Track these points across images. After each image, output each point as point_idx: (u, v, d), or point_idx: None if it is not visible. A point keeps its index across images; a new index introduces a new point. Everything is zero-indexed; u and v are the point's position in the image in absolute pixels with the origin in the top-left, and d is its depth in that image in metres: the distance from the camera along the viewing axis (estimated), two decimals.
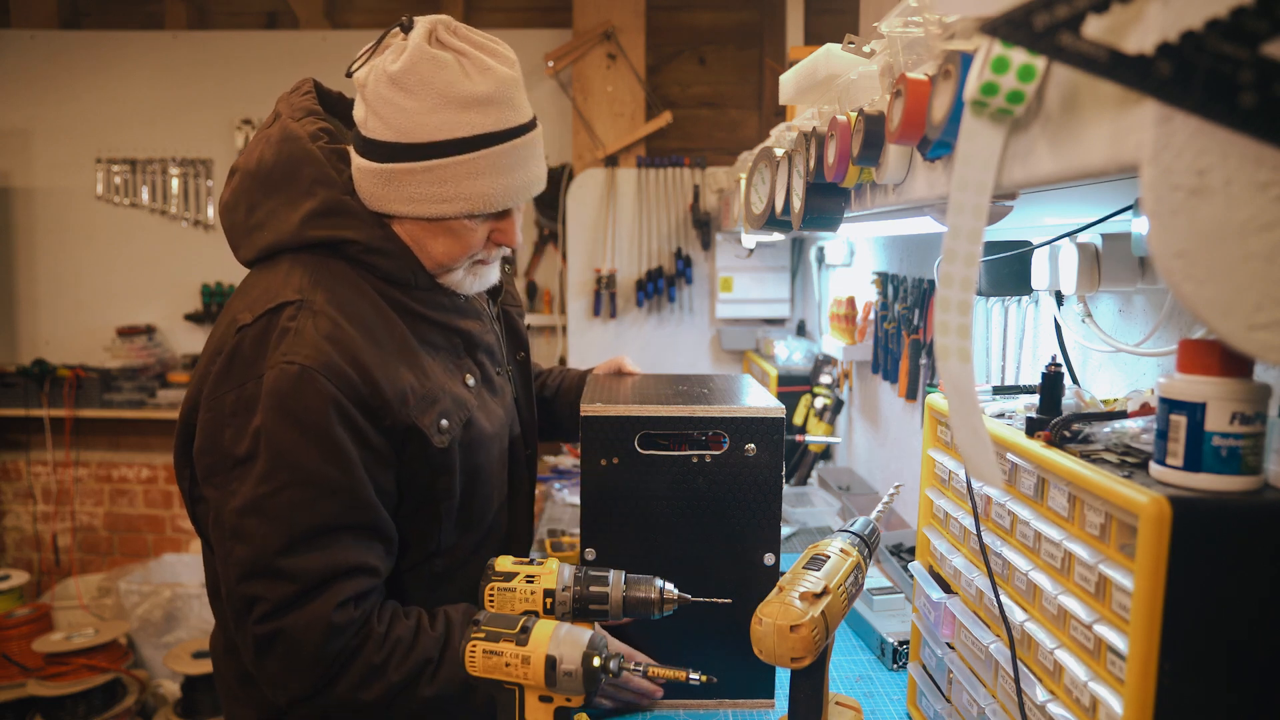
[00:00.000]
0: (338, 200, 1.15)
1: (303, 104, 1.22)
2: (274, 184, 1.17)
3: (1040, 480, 0.88)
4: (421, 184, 1.12)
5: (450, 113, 1.09)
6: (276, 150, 1.17)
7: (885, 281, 2.12)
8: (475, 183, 1.12)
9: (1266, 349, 0.50)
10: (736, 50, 3.85)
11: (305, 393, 1.05)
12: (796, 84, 1.31)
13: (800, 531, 2.07)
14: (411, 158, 1.10)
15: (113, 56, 3.89)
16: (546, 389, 1.67)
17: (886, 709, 1.27)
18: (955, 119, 0.68)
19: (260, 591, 1.05)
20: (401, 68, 1.08)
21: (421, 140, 1.09)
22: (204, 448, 1.11)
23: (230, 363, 1.09)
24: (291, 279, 1.13)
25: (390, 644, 1.08)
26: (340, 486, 1.07)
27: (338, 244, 1.15)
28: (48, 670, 3.18)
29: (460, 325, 1.24)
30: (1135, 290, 1.12)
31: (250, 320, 1.10)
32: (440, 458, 1.16)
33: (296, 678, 1.06)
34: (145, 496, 4.09)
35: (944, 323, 0.63)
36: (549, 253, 3.86)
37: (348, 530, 1.08)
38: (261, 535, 1.05)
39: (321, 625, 1.04)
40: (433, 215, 1.14)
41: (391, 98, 1.09)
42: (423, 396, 1.14)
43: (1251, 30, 0.41)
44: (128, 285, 4.00)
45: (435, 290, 1.22)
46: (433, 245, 1.18)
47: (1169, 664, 0.68)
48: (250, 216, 1.19)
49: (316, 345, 1.06)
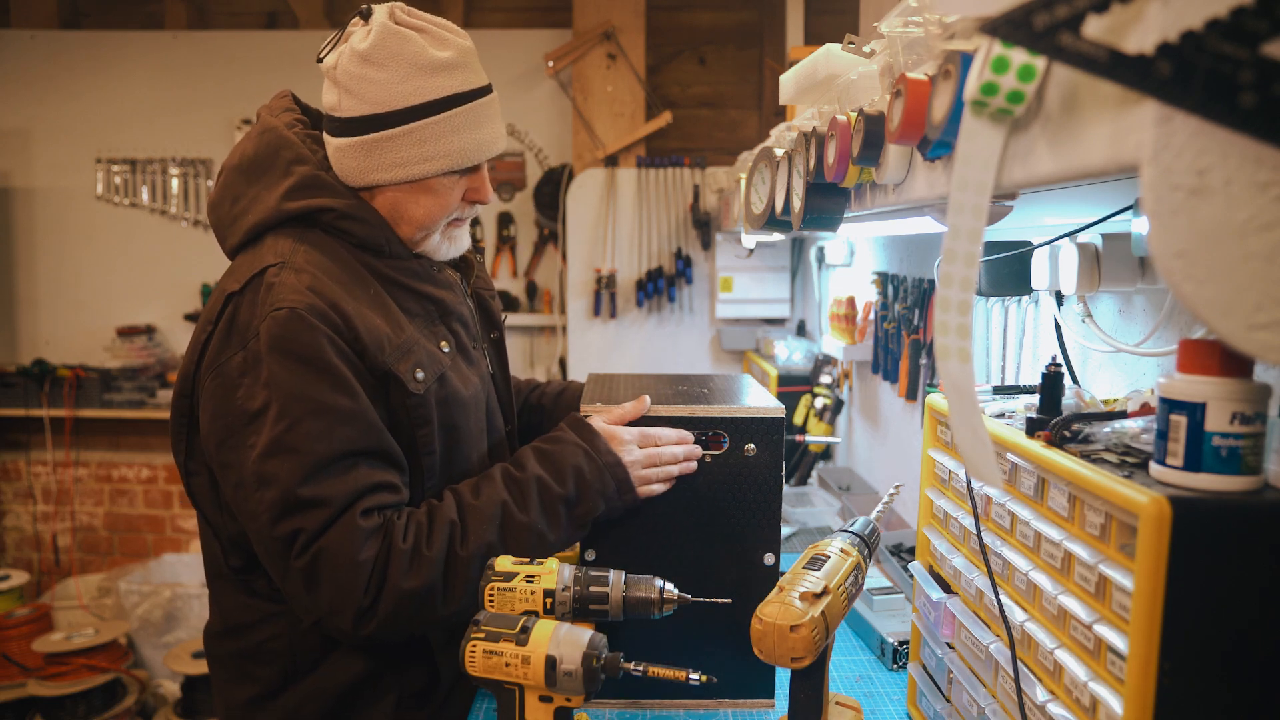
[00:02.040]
0: (313, 175, 1.23)
1: (279, 105, 1.32)
2: (256, 171, 1.25)
3: (1040, 480, 0.88)
4: (403, 147, 1.20)
5: (422, 79, 1.18)
6: (256, 142, 1.26)
7: (885, 281, 2.12)
8: (453, 139, 1.21)
9: (1266, 349, 0.50)
10: (736, 50, 3.85)
11: (298, 330, 1.11)
12: (796, 84, 1.31)
13: (800, 531, 2.07)
14: (391, 125, 1.19)
15: (113, 56, 3.89)
16: (545, 396, 1.67)
17: (886, 709, 1.27)
18: (955, 119, 0.68)
19: (298, 524, 1.09)
20: (371, 45, 1.17)
21: (399, 107, 1.18)
22: (216, 413, 1.14)
23: (229, 328, 1.15)
24: (275, 247, 1.20)
25: (413, 526, 1.14)
26: (353, 413, 1.12)
27: (314, 214, 1.22)
28: (48, 670, 3.18)
29: (433, 293, 1.30)
30: (1135, 290, 1.12)
31: (239, 288, 1.16)
32: (419, 408, 1.20)
33: (349, 592, 1.10)
34: (145, 496, 4.09)
35: (944, 323, 0.63)
36: (549, 253, 3.86)
37: (365, 456, 1.14)
38: (286, 472, 1.09)
39: (353, 532, 1.09)
40: (416, 176, 1.22)
41: (364, 73, 1.18)
42: (398, 346, 1.19)
43: (1251, 30, 0.41)
44: (128, 285, 4.00)
45: (409, 258, 1.29)
46: (414, 208, 1.25)
47: (1169, 664, 0.67)
48: (235, 206, 1.26)
49: (299, 291, 1.13)
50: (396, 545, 1.12)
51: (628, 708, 1.27)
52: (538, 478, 1.20)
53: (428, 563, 1.12)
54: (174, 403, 1.23)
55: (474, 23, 3.93)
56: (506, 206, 3.86)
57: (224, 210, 1.27)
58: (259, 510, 1.10)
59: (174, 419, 1.23)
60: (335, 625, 1.12)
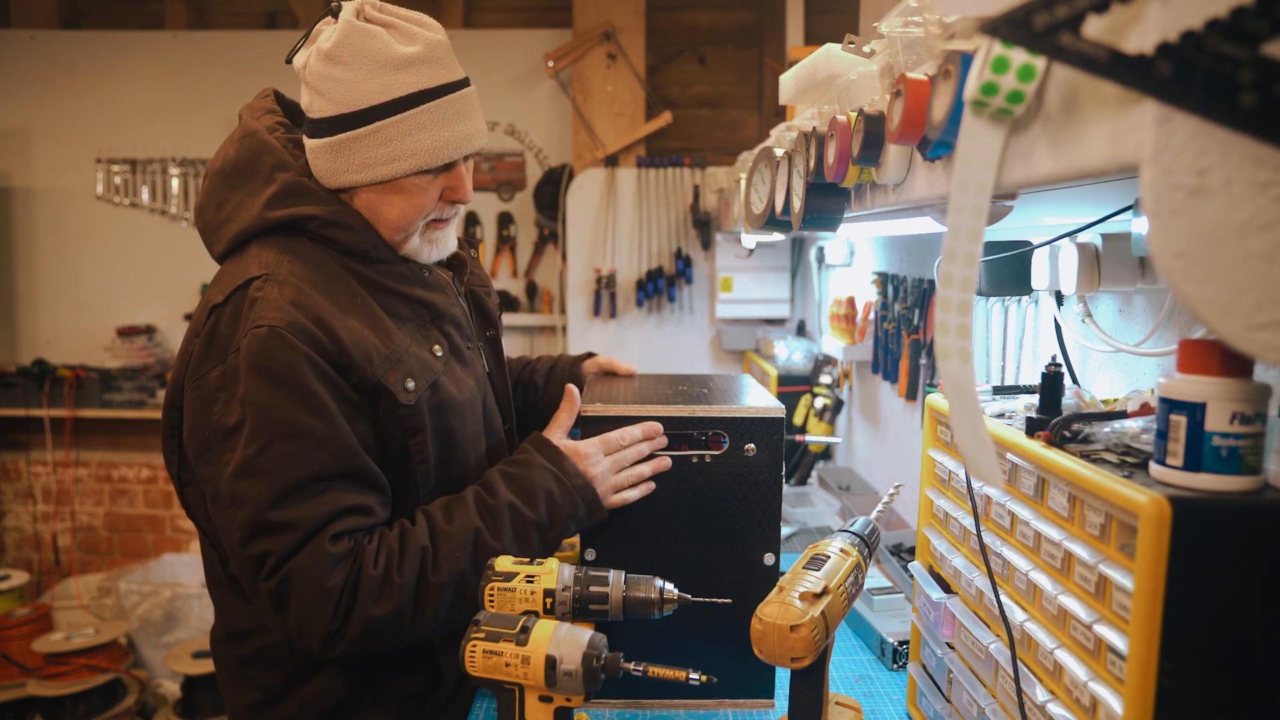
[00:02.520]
0: (295, 182, 1.21)
1: (261, 105, 1.30)
2: (239, 177, 1.24)
3: (1040, 480, 0.88)
4: (369, 147, 1.17)
5: (386, 76, 1.15)
6: (239, 146, 1.24)
7: (885, 281, 2.12)
8: (420, 137, 1.18)
9: (1266, 349, 0.50)
10: (736, 50, 3.85)
11: (277, 350, 1.09)
12: (796, 84, 1.31)
13: (800, 531, 2.07)
14: (356, 124, 1.16)
15: (113, 56, 3.89)
16: (537, 374, 1.68)
17: (886, 709, 1.27)
18: (955, 119, 0.68)
19: (266, 547, 1.09)
20: (334, 44, 1.15)
21: (363, 106, 1.16)
22: (195, 426, 1.14)
23: (210, 341, 1.15)
24: (259, 258, 1.18)
25: (384, 551, 1.13)
26: (326, 436, 1.11)
27: (298, 222, 1.21)
28: (48, 670, 3.18)
29: (424, 296, 1.28)
30: (1135, 290, 1.12)
31: (223, 299, 1.16)
32: (410, 418, 1.19)
33: (316, 616, 1.09)
34: (145, 496, 4.09)
35: (944, 323, 0.63)
36: (549, 253, 3.86)
37: (339, 479, 1.12)
38: (257, 494, 1.08)
39: (321, 557, 1.08)
40: (385, 177, 1.19)
41: (328, 73, 1.16)
42: (386, 357, 1.18)
43: (1251, 30, 0.42)
44: (128, 285, 4.00)
45: (397, 262, 1.27)
46: (388, 210, 1.23)
47: (1169, 664, 0.67)
48: (219, 212, 1.25)
49: (281, 308, 1.11)
50: (366, 571, 1.11)
51: (628, 708, 1.27)
52: (509, 504, 1.19)
53: (398, 589, 1.11)
54: (164, 413, 1.22)
55: (474, 23, 3.93)
56: (506, 206, 3.86)
57: (209, 216, 1.26)
58: (231, 528, 1.10)
59: (165, 429, 1.23)
60: (304, 645, 1.12)
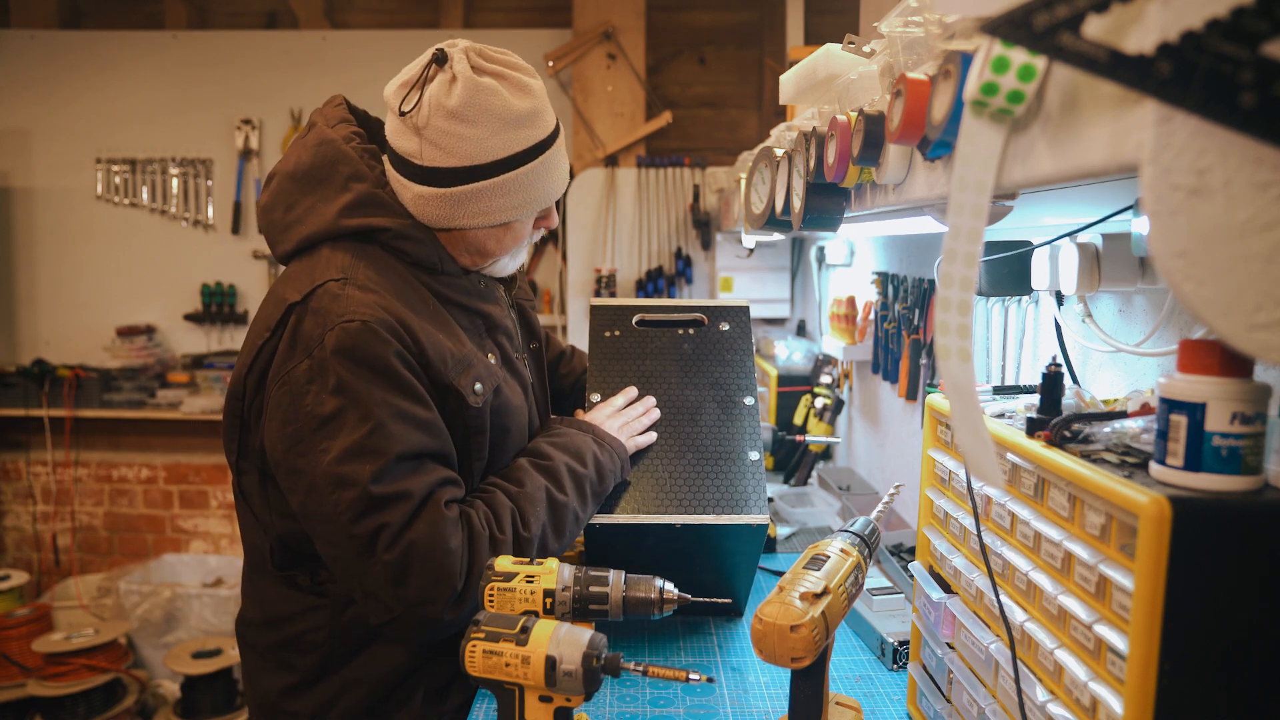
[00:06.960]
0: (371, 193, 1.26)
1: (336, 114, 1.35)
2: (311, 182, 1.28)
3: (1040, 480, 0.88)
4: (493, 197, 1.26)
5: (510, 133, 1.23)
6: (314, 153, 1.29)
7: (885, 281, 2.12)
8: (536, 186, 1.28)
9: (1266, 349, 0.50)
10: (736, 50, 3.85)
11: (371, 342, 1.15)
12: (796, 84, 1.31)
13: (800, 531, 2.07)
14: (482, 177, 1.24)
15: (113, 56, 3.89)
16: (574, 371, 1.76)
17: (886, 709, 1.27)
18: (955, 119, 0.68)
19: (382, 519, 1.12)
20: (460, 101, 1.20)
21: (486, 161, 1.23)
22: (285, 420, 1.16)
23: (293, 338, 1.18)
24: (334, 261, 1.23)
25: (482, 513, 1.20)
26: (425, 420, 1.18)
27: (371, 232, 1.26)
28: (48, 670, 3.18)
29: (482, 308, 1.35)
30: (1135, 290, 1.12)
31: (300, 298, 1.19)
32: (476, 419, 1.26)
33: (443, 580, 1.13)
34: (145, 496, 4.09)
35: (944, 323, 0.63)
36: (549, 253, 3.86)
37: (434, 458, 1.20)
38: (363, 473, 1.12)
39: (440, 520, 1.14)
40: (503, 220, 1.29)
41: (454, 130, 1.21)
42: (459, 360, 1.24)
43: (1251, 30, 0.42)
44: (128, 285, 4.00)
45: (459, 275, 1.34)
46: (493, 245, 1.33)
47: (1169, 664, 0.67)
48: (289, 214, 1.29)
49: (369, 305, 1.17)
50: (478, 531, 1.17)
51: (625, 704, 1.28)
52: (565, 463, 1.30)
53: (504, 546, 1.19)
54: (226, 404, 1.27)
55: (474, 23, 3.93)
56: None
57: (276, 215, 1.30)
58: (338, 511, 1.12)
59: (226, 419, 1.27)
60: (423, 615, 1.14)
